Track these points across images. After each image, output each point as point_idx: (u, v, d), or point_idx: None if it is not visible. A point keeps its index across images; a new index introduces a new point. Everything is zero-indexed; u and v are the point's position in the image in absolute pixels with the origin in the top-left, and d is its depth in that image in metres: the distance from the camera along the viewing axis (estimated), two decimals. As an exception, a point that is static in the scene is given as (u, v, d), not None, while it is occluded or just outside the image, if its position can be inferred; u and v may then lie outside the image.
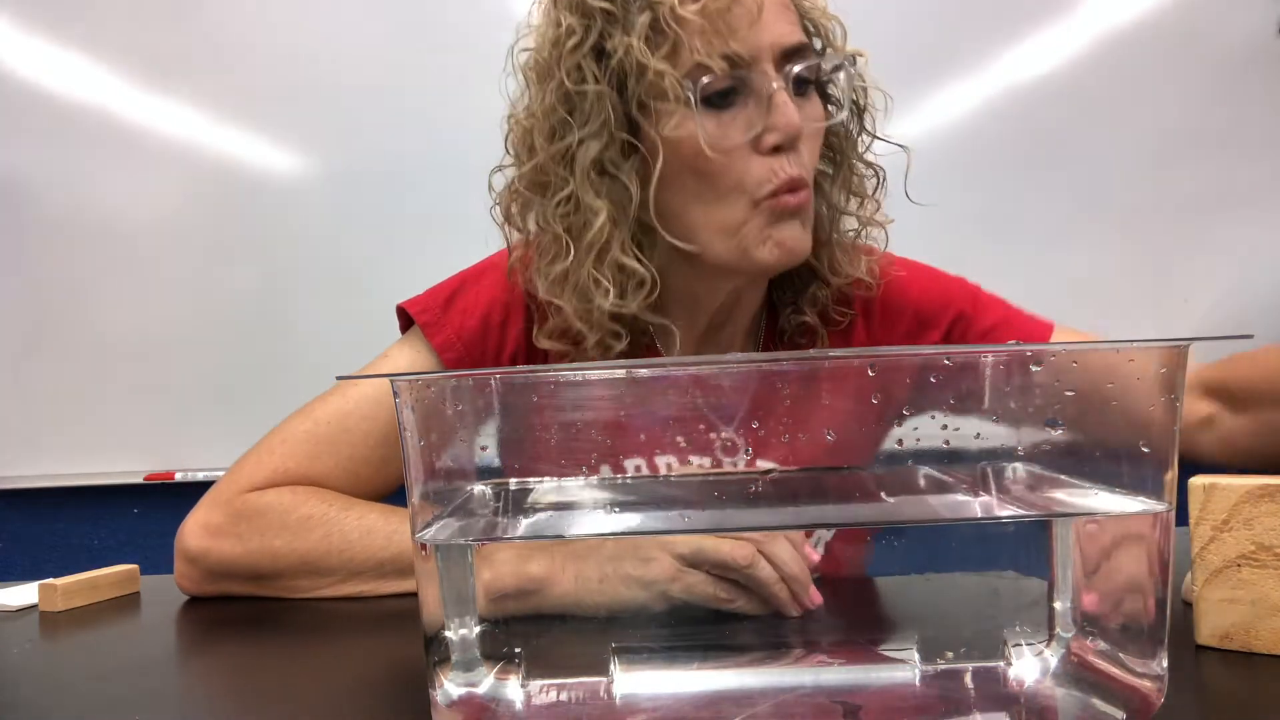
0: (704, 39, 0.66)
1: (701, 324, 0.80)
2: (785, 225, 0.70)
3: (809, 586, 0.45)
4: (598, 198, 0.69)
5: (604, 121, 0.69)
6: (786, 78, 0.68)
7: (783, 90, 0.68)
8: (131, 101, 1.50)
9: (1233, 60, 1.52)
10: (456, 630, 0.41)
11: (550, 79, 0.70)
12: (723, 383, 0.41)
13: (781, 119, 0.67)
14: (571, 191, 0.70)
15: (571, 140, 0.69)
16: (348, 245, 1.52)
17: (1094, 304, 1.50)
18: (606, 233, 0.69)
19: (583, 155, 0.69)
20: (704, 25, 0.66)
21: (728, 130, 0.68)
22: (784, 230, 0.70)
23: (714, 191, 0.70)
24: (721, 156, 0.68)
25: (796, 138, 0.68)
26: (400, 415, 0.40)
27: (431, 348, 0.78)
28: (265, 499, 0.73)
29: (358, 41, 1.51)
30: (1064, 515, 0.41)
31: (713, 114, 0.68)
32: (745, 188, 0.69)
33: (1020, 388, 0.39)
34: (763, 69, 0.68)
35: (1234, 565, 0.46)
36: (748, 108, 0.69)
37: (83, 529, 1.57)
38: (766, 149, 0.68)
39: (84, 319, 1.52)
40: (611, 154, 0.69)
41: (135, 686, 0.50)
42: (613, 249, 0.70)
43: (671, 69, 0.66)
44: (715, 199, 0.70)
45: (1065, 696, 0.39)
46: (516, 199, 0.75)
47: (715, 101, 0.68)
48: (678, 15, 0.66)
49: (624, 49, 0.67)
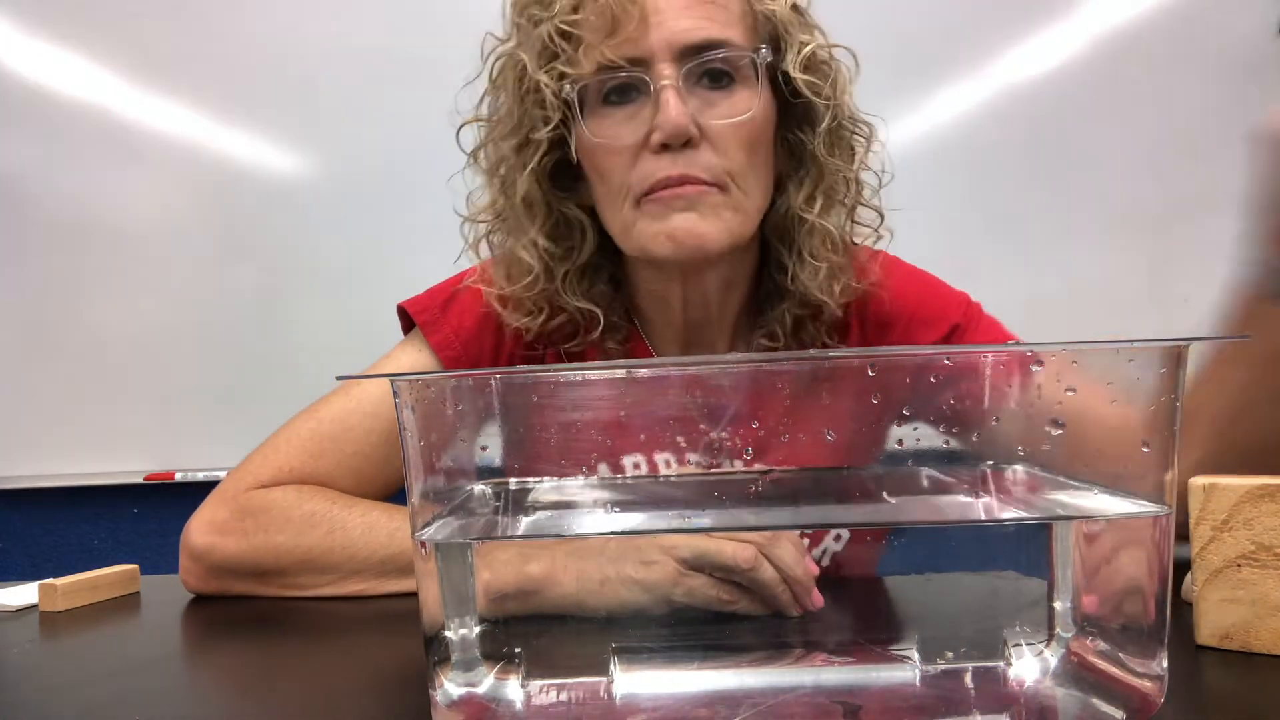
0: (589, 47, 0.69)
1: (678, 321, 0.80)
2: (674, 216, 0.70)
3: (811, 588, 0.45)
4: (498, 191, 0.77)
5: (513, 127, 0.74)
6: (685, 75, 0.68)
7: (670, 88, 0.68)
8: (131, 101, 1.50)
9: (1233, 60, 1.52)
10: (456, 630, 0.41)
11: (492, 89, 0.77)
12: (714, 382, 0.41)
13: (663, 118, 0.67)
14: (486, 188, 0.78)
15: (491, 139, 0.76)
16: (348, 245, 1.52)
17: (1094, 304, 1.50)
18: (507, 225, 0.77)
19: (495, 153, 0.76)
20: (589, 34, 0.68)
21: (618, 131, 0.70)
22: (674, 220, 0.70)
23: (610, 192, 0.72)
24: (610, 157, 0.71)
25: (683, 137, 0.68)
26: (400, 415, 0.40)
27: (431, 348, 0.79)
28: (269, 496, 0.74)
29: (358, 42, 1.51)
30: (1064, 518, 0.41)
31: (608, 114, 0.71)
32: (630, 187, 0.71)
33: (1020, 388, 0.39)
34: (656, 69, 0.68)
35: (1234, 565, 0.46)
36: (644, 106, 0.70)
37: (83, 529, 1.57)
38: (655, 147, 0.69)
39: (84, 319, 1.52)
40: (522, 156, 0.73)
41: (135, 686, 0.50)
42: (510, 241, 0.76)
43: (551, 80, 0.70)
44: (612, 199, 0.73)
45: (1065, 696, 0.39)
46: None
47: (614, 100, 0.71)
48: (561, 29, 0.69)
49: (525, 63, 0.71)
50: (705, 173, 0.69)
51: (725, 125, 0.69)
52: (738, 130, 0.70)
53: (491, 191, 0.78)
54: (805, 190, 0.75)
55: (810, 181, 0.75)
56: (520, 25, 0.73)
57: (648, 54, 0.68)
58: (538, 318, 0.77)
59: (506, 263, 0.77)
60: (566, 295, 0.77)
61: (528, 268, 0.75)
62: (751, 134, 0.71)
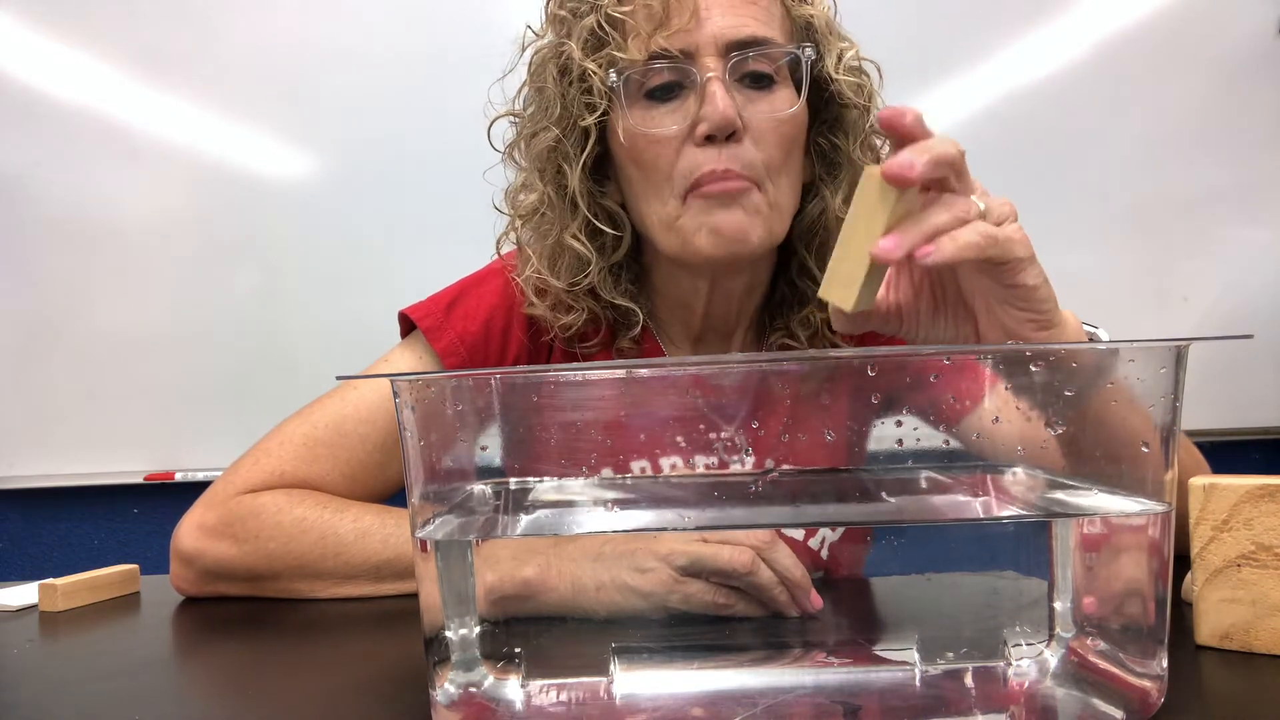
0: (639, 37, 0.69)
1: (695, 325, 0.80)
2: (720, 212, 0.70)
3: (810, 590, 0.45)
4: (542, 184, 0.75)
5: (557, 118, 0.73)
6: (730, 70, 0.69)
7: (716, 80, 0.68)
8: (131, 101, 1.50)
9: (1233, 60, 1.52)
10: (456, 630, 0.41)
11: (532, 81, 0.76)
12: (718, 382, 0.41)
13: (710, 109, 0.67)
14: (525, 180, 0.78)
15: (532, 132, 0.75)
16: (348, 245, 1.52)
17: (1094, 304, 1.49)
18: (552, 217, 0.75)
19: (536, 146, 0.75)
20: (639, 24, 0.69)
21: (662, 122, 0.70)
22: (718, 216, 0.70)
23: (651, 185, 0.72)
24: (654, 148, 0.70)
25: (729, 128, 0.68)
26: (400, 415, 0.40)
27: (434, 352, 0.79)
28: (260, 501, 0.73)
29: (358, 42, 1.51)
30: (1064, 516, 0.41)
31: (651, 108, 0.71)
32: (674, 180, 0.70)
33: (1018, 390, 0.39)
34: (702, 62, 0.69)
35: (1234, 565, 0.46)
36: (687, 101, 0.70)
37: (83, 529, 1.57)
38: (699, 140, 0.69)
39: (84, 319, 1.51)
40: (564, 148, 0.73)
41: (135, 686, 0.50)
42: (555, 232, 0.75)
43: (599, 68, 0.70)
44: (653, 192, 0.72)
45: (1065, 696, 0.39)
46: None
47: (657, 95, 0.71)
48: (611, 17, 0.69)
49: (570, 52, 0.71)
50: (747, 169, 0.69)
51: (768, 120, 0.70)
52: (779, 127, 0.70)
53: (534, 185, 0.77)
54: (842, 194, 0.76)
55: (847, 186, 0.76)
56: (562, 18, 0.74)
57: (694, 47, 0.69)
58: (581, 315, 0.77)
59: (551, 256, 0.76)
60: (604, 292, 0.77)
61: (581, 258, 0.75)
62: (791, 132, 0.71)
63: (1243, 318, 1.52)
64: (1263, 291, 1.54)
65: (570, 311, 0.77)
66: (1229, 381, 1.49)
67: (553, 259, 0.76)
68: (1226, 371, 1.49)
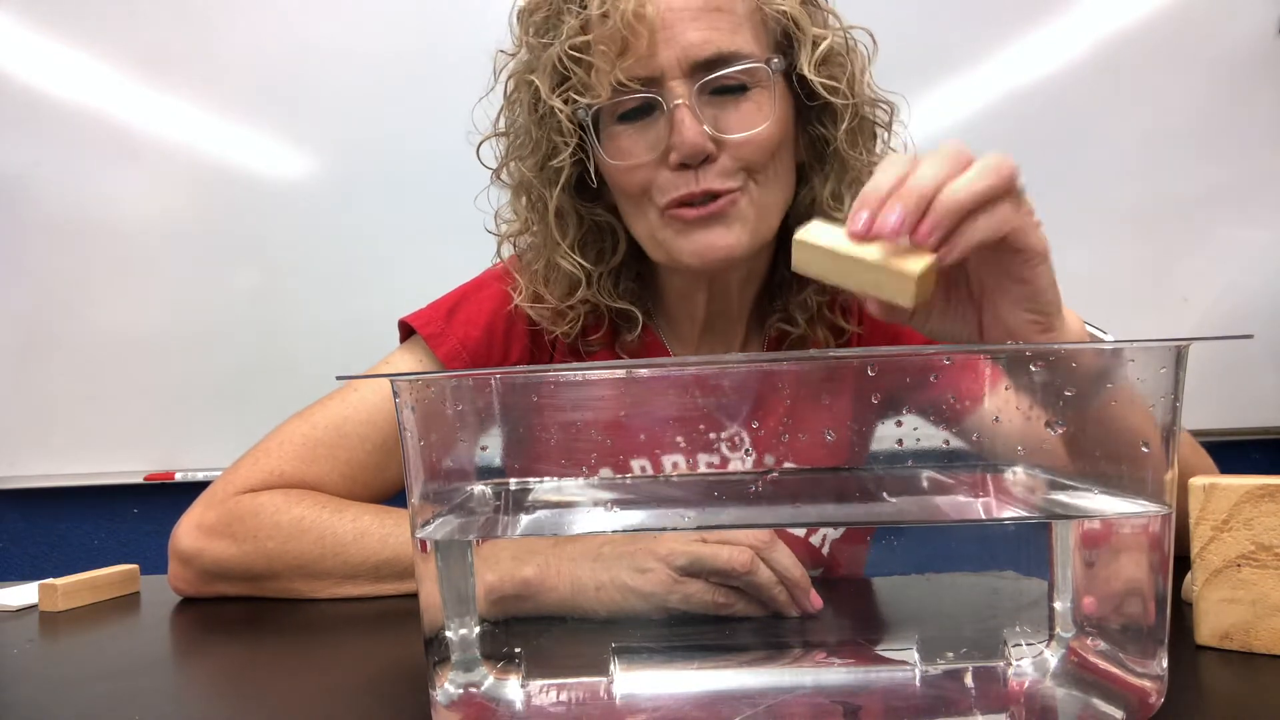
0: (600, 70, 0.68)
1: (699, 317, 0.81)
2: (698, 233, 0.70)
3: (809, 589, 0.45)
4: (528, 209, 0.78)
5: (531, 149, 0.75)
6: (699, 90, 0.68)
7: (683, 107, 0.67)
8: (131, 101, 1.50)
9: (1233, 60, 1.52)
10: (456, 630, 0.41)
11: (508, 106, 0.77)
12: (718, 381, 0.41)
13: (678, 139, 0.67)
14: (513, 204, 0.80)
15: (514, 158, 0.77)
16: (348, 246, 1.52)
17: (1094, 304, 1.49)
18: (541, 239, 0.77)
19: (517, 175, 0.77)
20: (599, 56, 0.68)
21: (635, 147, 0.70)
22: (698, 238, 0.70)
23: (632, 202, 0.74)
24: (630, 173, 0.71)
25: (699, 156, 0.68)
26: (400, 416, 0.40)
27: (435, 357, 0.79)
28: (258, 501, 0.73)
29: (358, 43, 1.51)
30: (1065, 517, 0.41)
31: (624, 130, 0.71)
32: (651, 196, 0.71)
33: (1019, 389, 0.39)
34: (669, 87, 0.68)
35: (1234, 565, 0.46)
36: (658, 123, 0.70)
37: (83, 529, 1.57)
38: (674, 166, 0.69)
39: (84, 319, 1.51)
40: (544, 176, 0.74)
41: (135, 686, 0.50)
42: (546, 253, 0.77)
43: (564, 104, 0.70)
44: (635, 209, 0.74)
45: (1065, 696, 0.39)
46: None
47: (630, 117, 0.71)
48: (570, 53, 0.69)
49: (538, 85, 0.72)
50: (726, 181, 0.69)
51: (742, 134, 0.69)
52: (754, 137, 0.70)
53: (520, 207, 0.79)
54: (830, 185, 0.76)
55: (835, 177, 0.76)
56: (531, 44, 0.73)
57: (659, 72, 0.68)
58: (577, 324, 0.79)
59: (544, 276, 0.78)
60: (603, 298, 0.78)
61: (572, 279, 0.76)
62: (769, 140, 0.71)
63: (1243, 318, 1.52)
64: (1263, 291, 1.54)
65: (569, 320, 0.78)
66: (1229, 381, 1.49)
67: (546, 278, 0.78)
68: (1226, 371, 1.49)
